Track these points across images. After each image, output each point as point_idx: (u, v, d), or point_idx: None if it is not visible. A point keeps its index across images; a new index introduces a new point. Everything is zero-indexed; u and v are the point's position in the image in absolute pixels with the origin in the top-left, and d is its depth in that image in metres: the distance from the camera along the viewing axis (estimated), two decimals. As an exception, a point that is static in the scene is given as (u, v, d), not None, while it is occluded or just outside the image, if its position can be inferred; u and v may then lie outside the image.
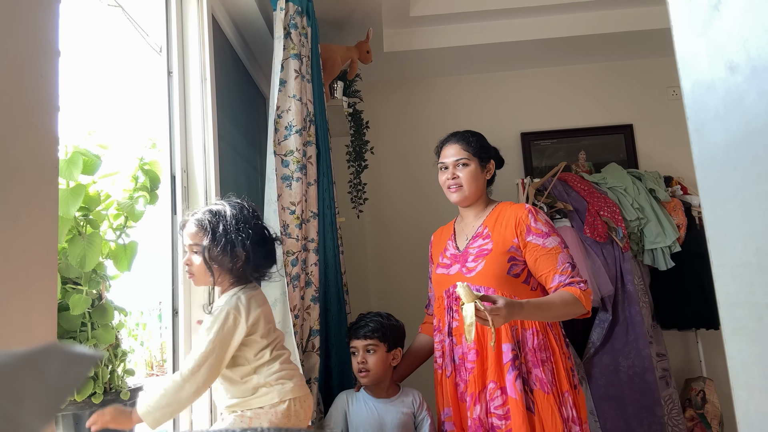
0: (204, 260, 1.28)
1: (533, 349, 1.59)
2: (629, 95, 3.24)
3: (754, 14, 0.37)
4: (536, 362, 1.57)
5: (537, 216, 1.68)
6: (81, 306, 1.13)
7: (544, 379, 1.55)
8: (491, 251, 1.66)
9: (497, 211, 1.75)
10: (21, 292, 0.58)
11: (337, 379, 1.97)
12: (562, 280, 1.60)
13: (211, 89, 1.73)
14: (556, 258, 1.62)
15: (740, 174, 0.39)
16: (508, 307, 1.40)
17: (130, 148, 1.39)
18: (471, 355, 1.60)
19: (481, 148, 1.77)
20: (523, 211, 1.69)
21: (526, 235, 1.65)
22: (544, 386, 1.55)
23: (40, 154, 0.62)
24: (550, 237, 1.65)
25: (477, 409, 1.56)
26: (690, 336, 2.99)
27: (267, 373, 1.30)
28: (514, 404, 1.52)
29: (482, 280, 1.63)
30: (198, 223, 1.30)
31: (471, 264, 1.68)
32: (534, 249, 1.64)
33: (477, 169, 1.75)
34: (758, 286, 0.38)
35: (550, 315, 1.57)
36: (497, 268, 1.63)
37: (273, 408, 1.28)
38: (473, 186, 1.74)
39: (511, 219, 1.68)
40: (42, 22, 0.63)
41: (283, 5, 1.87)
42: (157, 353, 2.01)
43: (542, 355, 1.58)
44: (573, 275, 1.60)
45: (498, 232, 1.68)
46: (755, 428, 0.39)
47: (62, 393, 0.25)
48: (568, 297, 1.55)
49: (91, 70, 1.55)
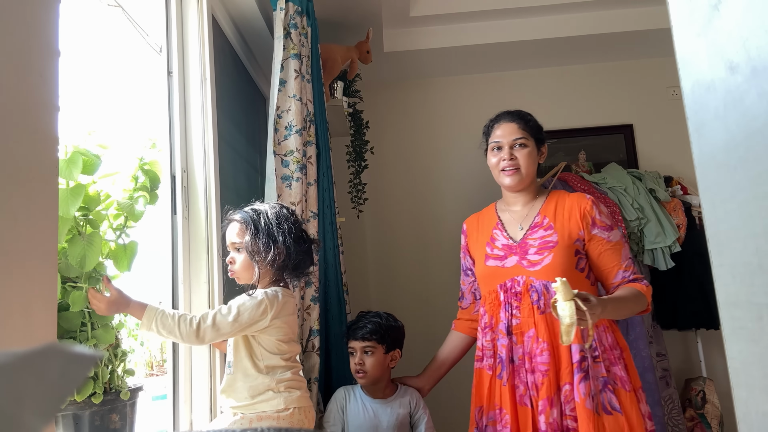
0: (247, 254, 1.34)
1: (610, 346, 1.51)
2: (629, 95, 3.24)
3: (754, 14, 0.37)
4: (614, 359, 1.50)
5: (600, 208, 1.60)
6: (80, 303, 1.13)
7: (624, 376, 1.49)
8: (557, 243, 1.55)
9: (553, 200, 1.64)
10: (21, 292, 0.58)
11: (337, 379, 1.97)
12: (626, 276, 1.54)
13: (211, 89, 1.73)
14: (619, 253, 1.56)
15: (740, 174, 0.39)
16: (601, 304, 1.34)
17: (130, 148, 1.39)
18: (544, 356, 1.49)
19: (538, 128, 1.67)
20: (586, 202, 1.60)
21: (591, 228, 1.57)
22: (625, 384, 1.48)
23: (40, 154, 0.62)
24: (613, 230, 1.58)
25: (554, 412, 1.46)
26: (690, 336, 2.99)
27: (278, 378, 1.33)
28: (580, 407, 1.43)
29: (549, 275, 1.51)
30: (241, 220, 1.36)
31: (534, 257, 1.56)
32: (599, 243, 1.56)
33: (534, 151, 1.64)
34: (758, 286, 0.38)
35: (626, 312, 1.51)
36: (566, 262, 1.53)
37: (277, 413, 1.31)
38: (530, 169, 1.63)
39: (575, 210, 1.59)
40: (42, 22, 0.63)
41: (283, 5, 1.87)
42: (157, 353, 2.01)
43: (615, 352, 1.52)
44: (635, 271, 1.56)
45: (561, 223, 1.58)
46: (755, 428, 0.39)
47: (62, 393, 0.25)
48: (637, 293, 1.51)
49: (91, 70, 1.55)
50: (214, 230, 1.63)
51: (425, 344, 3.02)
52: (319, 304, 1.85)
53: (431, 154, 3.22)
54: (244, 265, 1.36)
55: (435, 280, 3.12)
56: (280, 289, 1.37)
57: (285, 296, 1.37)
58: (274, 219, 1.35)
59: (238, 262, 1.37)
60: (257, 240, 1.33)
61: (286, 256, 1.34)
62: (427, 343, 2.97)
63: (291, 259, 1.35)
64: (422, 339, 3.05)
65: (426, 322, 2.93)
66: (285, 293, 1.38)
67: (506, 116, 1.68)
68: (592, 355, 1.49)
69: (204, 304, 1.59)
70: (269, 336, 1.34)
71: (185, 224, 1.60)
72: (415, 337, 3.11)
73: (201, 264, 1.60)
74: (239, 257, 1.37)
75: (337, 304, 2.03)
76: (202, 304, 1.59)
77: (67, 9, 0.71)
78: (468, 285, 1.87)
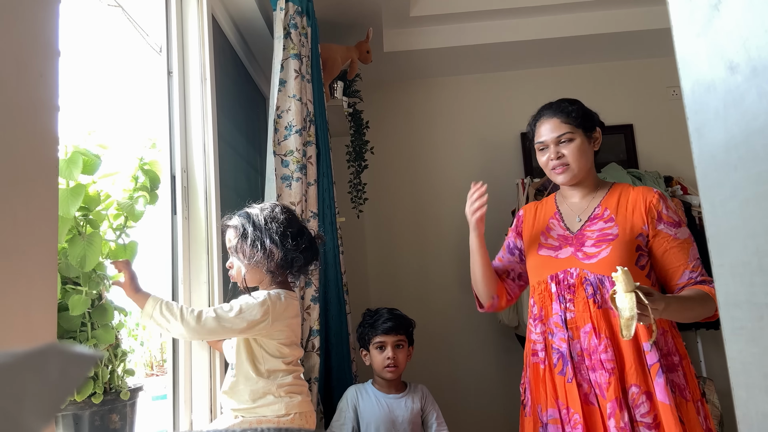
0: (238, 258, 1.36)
1: (668, 352, 1.41)
2: (629, 95, 3.24)
3: (754, 14, 0.37)
4: (673, 366, 1.40)
5: (668, 203, 1.49)
6: (80, 307, 1.13)
7: (681, 384, 1.38)
8: (617, 237, 1.45)
9: (617, 192, 1.55)
10: (21, 292, 0.58)
11: (337, 379, 1.97)
12: (693, 277, 1.42)
13: (211, 89, 1.73)
14: (687, 252, 1.44)
15: (740, 174, 0.39)
16: (664, 300, 1.25)
17: (130, 148, 1.39)
18: (609, 354, 1.39)
19: (584, 116, 1.56)
20: (653, 195, 1.49)
21: (657, 223, 1.46)
22: (684, 393, 1.38)
23: (40, 154, 0.62)
24: (681, 227, 1.46)
25: (625, 415, 1.35)
26: (690, 336, 2.99)
27: (279, 382, 1.34)
28: (667, 412, 1.33)
29: (605, 269, 1.42)
30: (232, 226, 1.38)
31: (591, 249, 1.47)
32: (665, 239, 1.45)
33: (584, 142, 1.55)
34: (758, 286, 0.38)
35: (691, 314, 1.38)
36: (625, 257, 1.43)
37: (278, 418, 1.32)
38: (582, 162, 1.54)
39: (639, 203, 1.49)
40: (42, 22, 0.63)
41: (283, 5, 1.87)
42: (157, 353, 2.01)
43: (674, 359, 1.41)
44: (703, 272, 1.43)
45: (623, 216, 1.49)
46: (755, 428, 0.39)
47: (62, 393, 0.25)
48: (704, 296, 1.38)
49: (91, 70, 1.55)
50: (214, 230, 1.63)
51: (425, 344, 3.02)
52: (319, 304, 1.86)
53: (431, 154, 3.22)
54: (239, 268, 1.38)
55: (435, 280, 3.12)
56: (283, 291, 1.38)
57: (288, 298, 1.38)
58: (261, 221, 1.36)
59: (234, 266, 1.39)
60: (245, 243, 1.34)
61: (277, 256, 1.34)
62: (427, 343, 2.98)
63: (282, 258, 1.35)
64: (422, 339, 3.05)
65: (426, 322, 2.93)
66: (288, 295, 1.39)
67: (547, 111, 1.59)
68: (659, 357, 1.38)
69: (204, 304, 1.59)
70: (271, 339, 1.35)
71: (185, 224, 1.60)
72: (415, 336, 3.11)
73: (201, 264, 1.60)
74: (236, 261, 1.39)
75: (337, 304, 2.03)
76: (202, 304, 1.59)
77: (67, 9, 0.71)
78: (505, 261, 1.72)
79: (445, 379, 2.95)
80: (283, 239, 1.35)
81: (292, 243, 1.36)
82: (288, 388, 1.35)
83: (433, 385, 1.98)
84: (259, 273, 1.38)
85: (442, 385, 2.93)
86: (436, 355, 3.00)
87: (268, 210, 1.39)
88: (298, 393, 1.37)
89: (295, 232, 1.38)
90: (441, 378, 2.94)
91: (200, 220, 1.62)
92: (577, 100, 1.61)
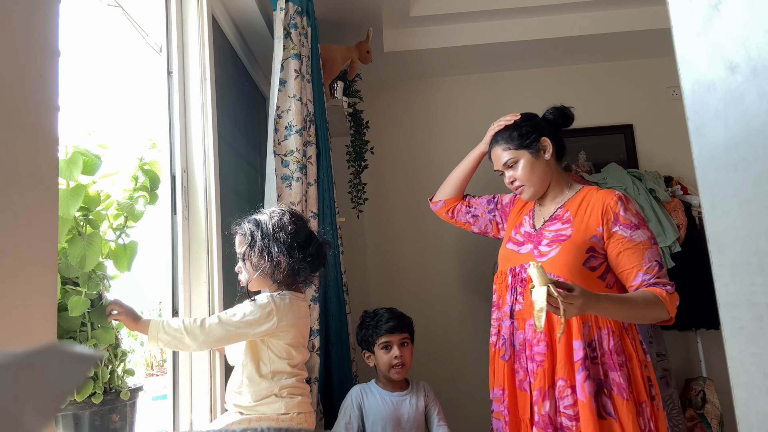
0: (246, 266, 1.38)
1: (610, 350, 1.44)
2: (629, 95, 3.24)
3: (754, 14, 0.37)
4: (613, 365, 1.43)
5: (627, 205, 1.51)
6: (80, 307, 1.13)
7: (622, 384, 1.41)
8: (569, 238, 1.51)
9: (582, 195, 1.59)
10: (21, 292, 0.58)
11: (337, 379, 1.97)
12: (646, 279, 1.44)
13: (211, 89, 1.73)
14: (642, 253, 1.45)
15: (740, 174, 0.39)
16: (584, 297, 1.28)
17: (130, 148, 1.39)
18: (540, 347, 1.48)
19: (523, 135, 1.61)
20: (612, 197, 1.52)
21: (612, 225, 1.48)
22: (622, 392, 1.41)
23: (40, 154, 0.62)
24: (639, 229, 1.48)
25: (546, 405, 1.44)
26: (690, 336, 2.99)
27: (282, 383, 1.35)
28: (582, 407, 1.40)
29: (554, 268, 1.49)
30: (240, 232, 1.40)
31: (544, 248, 1.54)
32: (619, 241, 1.47)
33: (530, 160, 1.60)
34: (758, 286, 0.38)
35: (629, 314, 1.42)
36: (572, 257, 1.48)
37: (277, 416, 1.33)
38: (534, 178, 1.60)
39: (598, 205, 1.52)
40: (42, 22, 0.63)
41: (283, 5, 1.87)
42: (157, 353, 2.01)
43: (619, 358, 1.44)
44: (660, 275, 1.45)
45: (580, 218, 1.53)
46: (755, 428, 0.39)
47: (62, 393, 0.25)
48: (652, 298, 1.40)
49: (91, 70, 1.55)
50: (214, 230, 1.63)
51: (425, 344, 3.02)
52: (319, 304, 1.86)
53: (431, 154, 3.22)
54: (248, 275, 1.39)
55: (435, 280, 3.12)
56: (289, 293, 1.39)
57: (293, 299, 1.39)
58: (270, 229, 1.37)
59: (243, 271, 1.41)
60: (253, 252, 1.36)
61: (284, 266, 1.35)
62: (426, 343, 2.97)
63: (289, 268, 1.36)
64: (422, 338, 3.04)
65: (426, 321, 2.93)
66: (294, 296, 1.40)
67: (493, 142, 1.68)
68: (591, 356, 1.45)
69: (204, 304, 1.59)
70: (278, 340, 1.36)
71: (185, 224, 1.60)
72: (415, 336, 3.11)
73: (201, 264, 1.60)
74: (243, 267, 1.40)
75: (337, 304, 2.03)
76: (202, 304, 1.59)
77: (67, 9, 0.71)
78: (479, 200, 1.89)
79: (445, 379, 2.95)
80: (290, 249, 1.35)
81: (299, 254, 1.36)
82: (290, 389, 1.36)
83: (434, 384, 1.98)
84: (267, 281, 1.39)
85: (442, 384, 2.93)
86: (437, 354, 3.00)
87: (276, 218, 1.39)
88: (299, 394, 1.38)
89: (303, 242, 1.39)
90: (441, 377, 2.94)
91: (200, 220, 1.62)
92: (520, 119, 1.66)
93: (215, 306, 1.60)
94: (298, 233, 1.39)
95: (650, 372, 1.49)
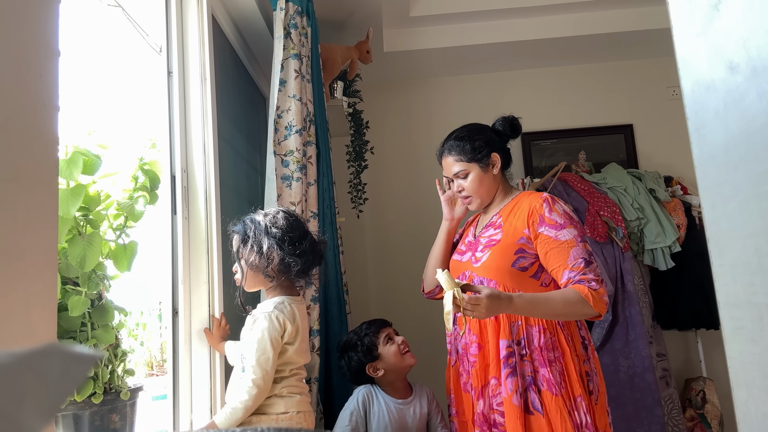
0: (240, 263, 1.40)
1: (539, 347, 1.48)
2: (629, 95, 3.24)
3: (754, 14, 0.37)
4: (543, 362, 1.47)
5: (553, 206, 1.54)
6: (80, 308, 1.13)
7: (552, 380, 1.45)
8: (498, 242, 1.56)
9: (516, 200, 1.64)
10: (21, 292, 0.58)
11: (337, 379, 1.97)
12: (571, 276, 1.46)
13: (211, 89, 1.73)
14: (567, 252, 1.48)
15: (740, 174, 0.39)
16: (491, 299, 1.34)
17: (130, 148, 1.39)
18: (473, 348, 1.55)
19: (474, 150, 1.64)
20: (537, 200, 1.56)
21: (538, 226, 1.52)
22: (552, 387, 1.44)
23: (40, 154, 0.62)
24: (564, 229, 1.51)
25: (480, 404, 1.51)
26: (690, 336, 2.99)
27: (282, 384, 1.37)
28: (506, 403, 1.45)
29: (486, 272, 1.55)
30: (235, 231, 1.43)
31: (479, 254, 1.60)
32: (545, 241, 1.51)
33: (479, 173, 1.64)
34: (758, 286, 0.38)
35: (548, 312, 1.46)
36: (501, 260, 1.54)
37: (276, 416, 1.34)
38: (482, 191, 1.65)
39: (525, 208, 1.57)
40: (42, 22, 0.63)
41: (283, 5, 1.87)
42: (157, 353, 2.01)
43: (550, 354, 1.48)
44: (585, 271, 1.46)
45: (510, 223, 1.58)
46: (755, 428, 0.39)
47: (62, 393, 0.25)
48: (572, 295, 1.43)
49: (91, 70, 1.55)
50: (214, 230, 1.63)
51: (425, 344, 3.02)
52: (319, 304, 1.86)
53: (431, 154, 3.20)
54: (243, 274, 1.41)
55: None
56: (288, 298, 1.41)
57: (292, 303, 1.40)
58: (262, 227, 1.38)
59: (238, 271, 1.42)
60: (246, 247, 1.38)
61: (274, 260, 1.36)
62: (426, 343, 2.97)
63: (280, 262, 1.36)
64: (422, 338, 3.04)
65: (426, 321, 2.93)
66: (292, 300, 1.41)
67: (444, 149, 1.69)
68: (520, 353, 1.48)
69: (204, 304, 1.59)
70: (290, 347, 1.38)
71: (185, 224, 1.60)
72: (415, 337, 3.11)
73: (201, 264, 1.60)
74: (238, 265, 1.42)
75: (337, 304, 2.03)
76: (202, 304, 1.59)
77: (67, 9, 0.71)
78: None
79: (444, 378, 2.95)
80: (281, 243, 1.36)
81: (290, 247, 1.37)
82: (289, 389, 1.38)
83: (434, 385, 1.98)
84: (259, 277, 1.40)
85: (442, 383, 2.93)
86: (437, 354, 3.00)
87: (270, 215, 1.42)
88: (297, 393, 1.39)
89: (296, 237, 1.39)
90: (441, 377, 2.93)
91: (200, 220, 1.62)
92: (470, 131, 1.67)
93: (215, 306, 1.60)
94: (290, 228, 1.40)
95: (591, 366, 1.52)
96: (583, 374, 1.50)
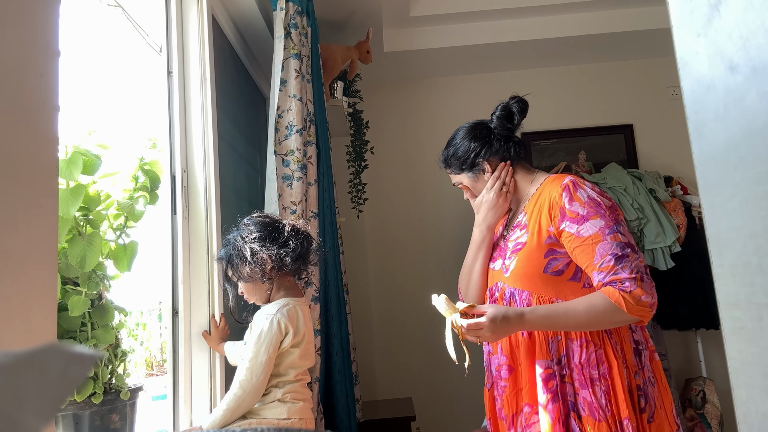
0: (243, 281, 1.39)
1: (580, 364, 1.26)
2: (629, 95, 3.24)
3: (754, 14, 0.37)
4: (584, 382, 1.25)
5: (575, 193, 1.30)
6: (80, 308, 1.13)
7: (594, 403, 1.23)
8: (525, 245, 1.35)
9: (540, 191, 1.40)
10: (21, 292, 0.58)
11: (338, 379, 1.97)
12: (601, 279, 1.24)
13: (211, 89, 1.73)
14: (593, 250, 1.24)
15: (740, 174, 0.39)
16: (494, 321, 1.19)
17: (130, 148, 1.39)
18: (504, 371, 1.35)
19: (459, 160, 1.50)
20: (557, 188, 1.33)
21: (559, 222, 1.30)
22: (595, 412, 1.23)
23: (40, 154, 0.62)
24: (587, 222, 1.26)
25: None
26: (690, 336, 2.99)
27: (286, 389, 1.37)
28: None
29: (516, 282, 1.35)
30: (220, 260, 1.42)
31: (507, 261, 1.39)
32: (569, 240, 1.28)
33: (471, 183, 1.52)
34: (758, 286, 0.38)
35: (571, 325, 1.26)
36: (531, 267, 1.33)
37: (278, 421, 1.34)
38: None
39: (545, 201, 1.34)
40: (42, 22, 0.63)
41: (283, 5, 1.87)
42: (157, 353, 2.01)
43: (593, 372, 1.25)
44: (616, 270, 1.22)
45: (534, 220, 1.36)
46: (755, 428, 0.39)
47: (62, 393, 0.25)
48: (599, 302, 1.21)
49: (91, 70, 1.55)
50: (214, 230, 1.63)
51: (425, 344, 3.02)
52: (319, 304, 1.86)
53: (431, 154, 3.21)
54: (248, 290, 1.41)
55: (435, 280, 3.12)
56: (290, 299, 1.40)
57: (297, 304, 1.40)
58: (238, 239, 1.37)
59: (244, 290, 1.42)
60: (234, 268, 1.37)
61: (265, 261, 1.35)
62: (426, 343, 2.97)
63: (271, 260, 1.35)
64: (422, 338, 3.05)
65: (426, 321, 2.94)
66: (297, 301, 1.41)
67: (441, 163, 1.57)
68: (560, 374, 1.28)
69: (204, 304, 1.59)
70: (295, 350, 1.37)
71: (185, 224, 1.60)
72: (415, 337, 3.11)
73: (201, 264, 1.61)
74: (241, 287, 1.42)
75: (337, 304, 2.03)
76: (202, 304, 1.59)
77: (67, 9, 0.71)
78: None
79: (445, 379, 2.95)
80: (262, 242, 1.35)
81: (271, 242, 1.36)
82: (293, 394, 1.37)
83: (434, 385, 1.97)
84: (259, 284, 1.39)
85: (443, 383, 2.94)
86: (437, 354, 3.00)
87: (240, 227, 1.41)
88: (301, 399, 1.39)
89: (273, 230, 1.38)
90: (441, 377, 2.94)
91: (200, 220, 1.62)
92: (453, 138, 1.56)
93: (215, 306, 1.60)
94: (263, 226, 1.38)
95: (645, 377, 1.30)
96: (633, 389, 1.27)
